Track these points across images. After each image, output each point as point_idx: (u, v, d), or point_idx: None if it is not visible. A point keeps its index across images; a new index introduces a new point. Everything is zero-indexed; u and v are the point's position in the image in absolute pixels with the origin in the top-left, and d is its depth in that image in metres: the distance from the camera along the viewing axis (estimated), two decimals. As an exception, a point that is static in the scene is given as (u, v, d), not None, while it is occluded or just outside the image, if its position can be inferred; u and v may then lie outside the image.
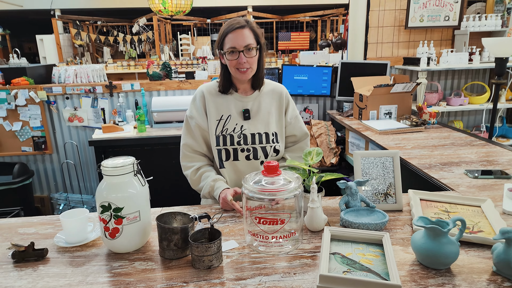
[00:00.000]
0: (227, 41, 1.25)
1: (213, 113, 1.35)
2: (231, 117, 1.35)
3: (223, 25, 1.30)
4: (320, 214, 1.07)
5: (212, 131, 1.34)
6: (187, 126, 1.39)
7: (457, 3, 3.19)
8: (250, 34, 1.26)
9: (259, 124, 1.36)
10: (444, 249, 0.85)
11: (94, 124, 2.86)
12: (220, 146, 1.35)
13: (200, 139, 1.37)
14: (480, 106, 3.13)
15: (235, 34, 1.24)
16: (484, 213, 1.14)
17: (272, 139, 1.37)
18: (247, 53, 1.25)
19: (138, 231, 0.94)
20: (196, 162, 1.37)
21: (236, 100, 1.37)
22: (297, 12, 8.12)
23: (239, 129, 1.35)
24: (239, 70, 1.28)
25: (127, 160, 0.92)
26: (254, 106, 1.37)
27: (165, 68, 3.01)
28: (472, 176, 1.49)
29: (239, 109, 1.36)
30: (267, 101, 1.39)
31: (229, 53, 1.26)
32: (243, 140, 1.35)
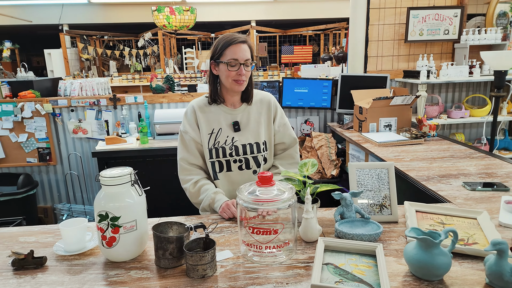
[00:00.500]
0: (228, 53, 1.30)
1: (205, 127, 1.39)
2: (222, 130, 1.40)
3: (220, 37, 1.35)
4: (314, 225, 1.08)
5: (205, 145, 1.39)
6: (182, 140, 1.43)
7: (457, 17, 3.24)
8: (248, 50, 1.33)
9: (249, 135, 1.41)
10: (436, 260, 0.86)
11: (98, 136, 2.91)
12: (213, 158, 1.39)
13: (196, 152, 1.41)
14: (481, 119, 3.13)
15: (238, 48, 1.30)
16: (480, 225, 1.14)
17: (262, 148, 1.42)
18: (246, 67, 1.32)
19: (134, 240, 0.96)
20: (194, 175, 1.40)
21: (226, 113, 1.41)
22: (300, 26, 8.25)
23: (230, 141, 1.39)
24: (236, 81, 1.32)
25: (125, 170, 0.95)
26: (244, 118, 1.42)
27: (168, 81, 3.08)
28: (470, 189, 1.49)
29: (229, 122, 1.40)
30: (256, 111, 1.44)
31: (230, 64, 1.30)
32: (235, 152, 1.39)
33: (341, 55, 4.04)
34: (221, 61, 1.32)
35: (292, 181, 1.21)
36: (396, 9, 3.24)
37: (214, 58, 1.35)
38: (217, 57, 1.33)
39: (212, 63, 1.36)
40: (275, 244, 0.93)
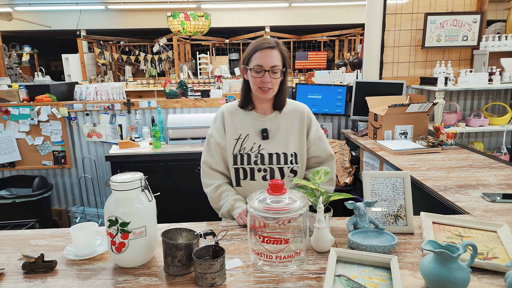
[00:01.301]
0: (255, 58, 1.27)
1: (231, 131, 1.36)
2: (249, 136, 1.35)
3: (253, 42, 1.32)
4: (326, 235, 1.05)
5: (230, 150, 1.35)
6: (208, 144, 1.41)
7: (476, 23, 3.17)
8: (278, 56, 1.27)
9: (277, 144, 1.35)
10: (453, 275, 0.82)
11: (112, 140, 2.95)
12: (237, 165, 1.35)
13: (219, 157, 1.38)
14: (501, 128, 3.04)
15: (264, 53, 1.26)
16: (500, 239, 1.09)
17: (290, 160, 1.34)
18: (272, 74, 1.26)
19: (144, 246, 0.95)
20: (216, 180, 1.38)
21: (255, 119, 1.37)
22: (314, 32, 8.24)
23: (256, 149, 1.34)
24: (261, 89, 1.28)
25: (135, 175, 0.95)
26: (273, 125, 1.36)
27: (181, 87, 3.10)
28: (490, 200, 1.44)
29: (257, 129, 1.35)
30: (287, 121, 1.37)
31: (255, 71, 1.27)
32: (260, 160, 1.34)
33: (356, 61, 4.00)
34: (248, 67, 1.29)
35: (305, 189, 1.19)
36: (413, 14, 3.19)
37: (244, 63, 1.33)
38: (246, 62, 1.31)
39: (243, 68, 1.34)
40: (285, 254, 0.91)
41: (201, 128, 2.83)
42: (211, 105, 3.06)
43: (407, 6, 3.18)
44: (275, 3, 7.78)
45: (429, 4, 3.18)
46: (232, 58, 8.82)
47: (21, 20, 7.38)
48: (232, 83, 3.73)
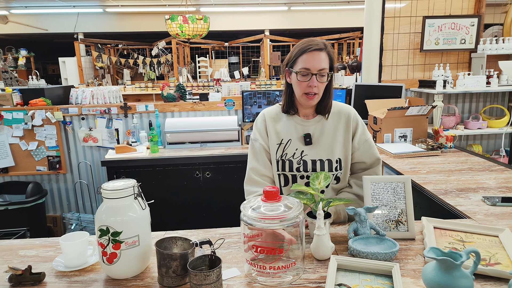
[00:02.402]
0: (301, 61, 1.19)
1: (274, 137, 1.30)
2: (291, 142, 1.29)
3: (298, 43, 1.24)
4: (326, 242, 1.02)
5: (273, 155, 1.30)
6: (253, 149, 1.34)
7: (473, 26, 3.16)
8: (326, 59, 1.20)
9: (321, 150, 1.27)
10: (456, 283, 0.79)
11: (108, 145, 2.91)
12: (279, 171, 1.29)
13: (266, 161, 1.32)
14: (499, 130, 3.03)
15: (312, 56, 1.18)
16: (502, 244, 1.06)
17: (335, 167, 1.27)
18: (319, 77, 1.19)
19: (137, 256, 0.92)
20: (260, 188, 1.28)
21: (297, 123, 1.30)
22: (313, 36, 8.19)
23: (299, 155, 1.28)
24: (306, 95, 1.22)
25: (128, 182, 0.92)
26: (317, 130, 1.29)
27: (179, 90, 3.07)
28: (490, 203, 1.41)
29: (300, 134, 1.29)
30: (332, 124, 1.29)
31: (301, 74, 1.20)
32: (303, 167, 1.27)
33: (355, 64, 3.99)
34: (293, 70, 1.22)
35: (304, 195, 1.16)
36: (411, 18, 3.19)
37: (288, 66, 1.26)
38: (291, 64, 1.24)
39: (286, 70, 1.27)
40: (280, 264, 0.88)
41: (200, 132, 2.80)
42: (210, 108, 3.04)
43: (406, 9, 3.18)
44: (275, 6, 7.79)
45: (427, 8, 3.17)
46: (231, 61, 8.81)
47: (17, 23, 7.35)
48: (231, 86, 3.71)
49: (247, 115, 2.94)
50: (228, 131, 2.81)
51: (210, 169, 2.58)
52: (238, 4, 7.40)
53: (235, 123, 2.85)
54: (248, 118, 2.95)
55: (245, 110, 2.93)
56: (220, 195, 2.61)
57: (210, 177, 2.60)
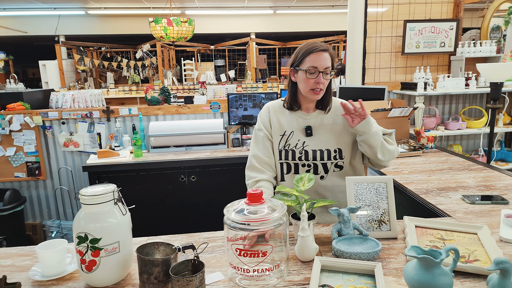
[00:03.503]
0: (308, 60, 1.31)
1: (277, 128, 1.41)
2: (293, 133, 1.40)
3: (302, 45, 1.36)
4: (310, 243, 1.02)
5: (276, 145, 1.41)
6: (256, 138, 1.45)
7: (452, 30, 3.25)
8: (329, 59, 1.32)
9: (320, 141, 1.38)
10: (437, 280, 0.81)
11: (90, 149, 2.85)
12: (282, 160, 1.40)
13: (268, 149, 1.41)
14: (478, 130, 3.11)
15: (319, 56, 1.30)
16: (481, 241, 1.09)
17: (334, 156, 1.38)
18: (325, 75, 1.31)
19: (117, 263, 0.90)
20: (259, 174, 1.39)
21: (299, 117, 1.41)
22: (299, 39, 8.32)
23: (301, 145, 1.39)
24: (313, 90, 1.32)
25: (107, 188, 0.90)
26: (316, 123, 1.40)
27: (163, 93, 3.04)
28: (469, 202, 1.45)
29: (302, 126, 1.40)
30: (330, 118, 1.41)
31: (309, 72, 1.30)
32: (304, 156, 1.38)
33: (339, 67, 4.04)
34: (300, 68, 1.32)
35: (288, 196, 1.16)
36: (393, 21, 3.26)
37: (294, 65, 1.36)
38: (297, 64, 1.34)
39: (292, 70, 1.37)
40: (263, 267, 0.87)
41: (185, 135, 2.77)
42: (195, 111, 3.01)
43: (387, 13, 3.24)
44: (260, 10, 7.83)
45: (408, 12, 3.25)
46: (217, 64, 8.79)
47: (-5, 26, 7.14)
48: (217, 89, 3.68)
49: (232, 118, 2.93)
50: (213, 134, 2.80)
51: (196, 173, 2.56)
52: (223, 7, 7.41)
53: (221, 126, 2.84)
54: (234, 121, 2.94)
55: (230, 113, 2.93)
56: (206, 199, 2.59)
57: (196, 181, 2.57)
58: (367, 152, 1.36)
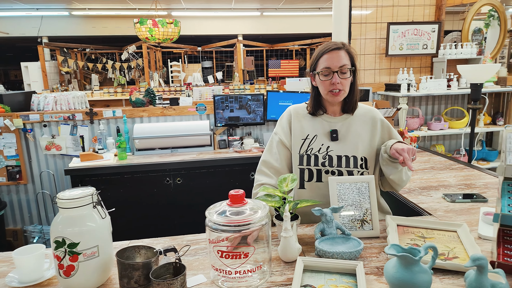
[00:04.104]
0: (322, 62, 1.26)
1: (298, 132, 1.34)
2: (317, 137, 1.32)
3: (318, 47, 1.31)
4: (293, 244, 1.03)
5: (296, 150, 1.33)
6: (271, 142, 1.40)
7: (434, 32, 3.33)
8: (346, 56, 1.26)
9: (346, 147, 1.30)
10: (416, 278, 0.82)
11: (73, 152, 2.79)
12: (303, 165, 1.31)
13: (279, 156, 1.35)
14: (459, 130, 3.19)
15: (331, 55, 1.24)
16: (460, 238, 1.11)
17: (360, 164, 1.29)
18: (341, 74, 1.24)
19: (96, 268, 0.88)
20: (265, 178, 1.34)
21: (324, 120, 1.34)
22: (286, 41, 8.37)
23: (324, 150, 1.31)
24: (331, 92, 1.26)
25: (86, 191, 0.88)
26: (343, 127, 1.32)
27: (148, 95, 3.01)
28: (450, 200, 1.48)
29: (327, 130, 1.32)
30: (358, 123, 1.33)
31: (323, 74, 1.25)
32: (328, 162, 1.29)
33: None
34: (316, 71, 1.28)
35: (272, 197, 1.16)
36: (376, 24, 3.31)
37: (311, 70, 1.31)
38: (313, 67, 1.30)
39: (311, 74, 1.32)
40: (245, 268, 0.87)
41: (170, 137, 2.75)
42: (181, 113, 2.99)
43: (371, 16, 3.29)
44: (247, 11, 7.84)
45: (391, 14, 3.31)
46: (205, 66, 8.75)
47: (-25, 27, 6.95)
48: (203, 90, 3.66)
49: (219, 120, 2.92)
50: (200, 136, 2.78)
51: (181, 175, 2.54)
52: (210, 8, 7.40)
53: (207, 127, 2.82)
54: (220, 123, 2.93)
55: (217, 114, 2.92)
56: (192, 201, 2.57)
57: (181, 183, 2.55)
58: (387, 172, 1.28)
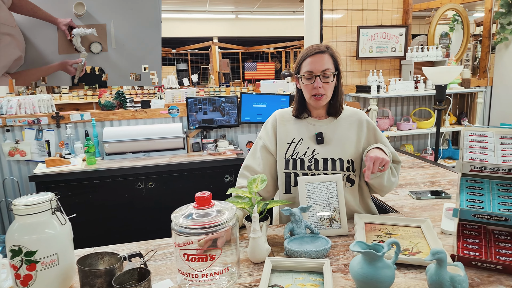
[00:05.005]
0: (305, 65, 1.25)
1: (284, 136, 1.33)
2: (302, 141, 1.31)
3: (302, 50, 1.30)
4: (262, 245, 1.03)
5: (281, 154, 1.31)
6: (255, 146, 1.39)
7: (402, 36, 3.45)
8: (329, 60, 1.25)
9: (332, 150, 1.29)
10: (380, 273, 0.84)
11: (38, 158, 2.67)
12: (289, 169, 1.29)
13: (262, 160, 1.34)
14: (427, 130, 3.32)
15: (314, 59, 1.23)
16: (424, 234, 1.15)
17: (347, 167, 1.28)
18: (324, 78, 1.23)
19: (56, 276, 0.85)
20: (245, 181, 1.29)
21: (309, 124, 1.33)
22: (261, 44, 8.44)
23: (310, 153, 1.29)
24: (314, 96, 1.25)
25: (44, 196, 0.85)
26: (329, 130, 1.32)
27: (118, 97, 2.94)
28: (416, 197, 1.54)
29: (312, 133, 1.31)
30: (345, 126, 1.32)
31: (305, 77, 1.24)
32: (314, 165, 1.28)
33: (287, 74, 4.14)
34: (300, 74, 1.27)
35: (242, 199, 1.16)
36: (347, 27, 3.39)
37: (295, 72, 1.30)
38: (297, 70, 1.29)
39: (295, 77, 1.31)
40: (212, 271, 0.86)
41: (142, 141, 2.69)
42: (153, 116, 2.94)
43: (342, 19, 3.38)
44: (222, 14, 7.84)
45: (361, 18, 3.40)
46: (179, 68, 8.65)
47: None
48: (176, 92, 3.61)
49: (192, 122, 2.90)
50: (172, 139, 2.74)
51: (153, 179, 2.49)
52: (185, 10, 7.34)
53: (180, 130, 2.79)
54: (193, 125, 2.90)
55: (190, 117, 2.89)
56: (165, 206, 2.50)
57: (154, 188, 2.50)
58: None
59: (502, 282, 0.89)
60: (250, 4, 7.05)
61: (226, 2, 6.92)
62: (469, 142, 1.06)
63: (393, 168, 1.33)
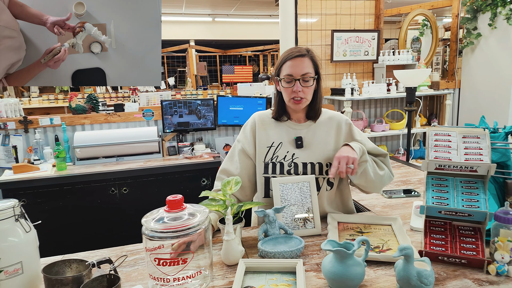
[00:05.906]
0: (285, 68, 1.24)
1: (263, 139, 1.31)
2: (282, 145, 1.30)
3: (283, 52, 1.28)
4: (236, 247, 1.03)
5: (261, 158, 1.30)
6: (233, 149, 1.37)
7: (374, 40, 3.55)
8: (309, 63, 1.24)
9: (312, 154, 1.29)
10: (350, 271, 0.86)
11: (5, 164, 2.55)
12: (268, 173, 1.28)
13: (238, 164, 1.32)
14: (399, 131, 3.43)
15: (294, 62, 1.22)
16: (394, 232, 1.19)
17: (326, 171, 1.28)
18: (304, 82, 1.23)
19: (20, 286, 0.81)
20: None
21: (289, 127, 1.32)
22: (239, 47, 8.46)
23: (290, 157, 1.29)
24: (293, 99, 1.25)
25: (6, 203, 0.81)
26: (308, 134, 1.31)
27: (90, 101, 2.85)
28: (387, 196, 1.58)
29: (292, 137, 1.31)
30: (323, 129, 1.32)
31: (285, 81, 1.24)
32: (294, 169, 1.28)
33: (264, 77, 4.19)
34: (280, 77, 1.26)
35: (216, 202, 1.15)
36: (321, 31, 3.46)
37: (275, 74, 1.29)
38: (277, 73, 1.28)
39: (275, 79, 1.29)
40: (185, 275, 0.85)
41: (115, 145, 2.62)
42: (126, 119, 2.88)
43: (317, 23, 3.44)
44: (199, 17, 7.80)
45: (335, 22, 3.48)
46: (155, 71, 8.53)
47: None
48: (150, 95, 3.55)
49: (167, 125, 2.86)
50: (147, 142, 2.69)
51: (128, 184, 2.43)
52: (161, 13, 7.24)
53: (155, 134, 2.74)
54: (169, 129, 2.86)
55: (165, 120, 2.85)
56: (139, 211, 2.43)
57: (128, 193, 2.44)
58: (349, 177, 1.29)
59: (466, 275, 0.93)
60: (227, 7, 7.06)
61: (202, 5, 6.89)
62: (434, 142, 1.11)
63: (379, 162, 1.32)
